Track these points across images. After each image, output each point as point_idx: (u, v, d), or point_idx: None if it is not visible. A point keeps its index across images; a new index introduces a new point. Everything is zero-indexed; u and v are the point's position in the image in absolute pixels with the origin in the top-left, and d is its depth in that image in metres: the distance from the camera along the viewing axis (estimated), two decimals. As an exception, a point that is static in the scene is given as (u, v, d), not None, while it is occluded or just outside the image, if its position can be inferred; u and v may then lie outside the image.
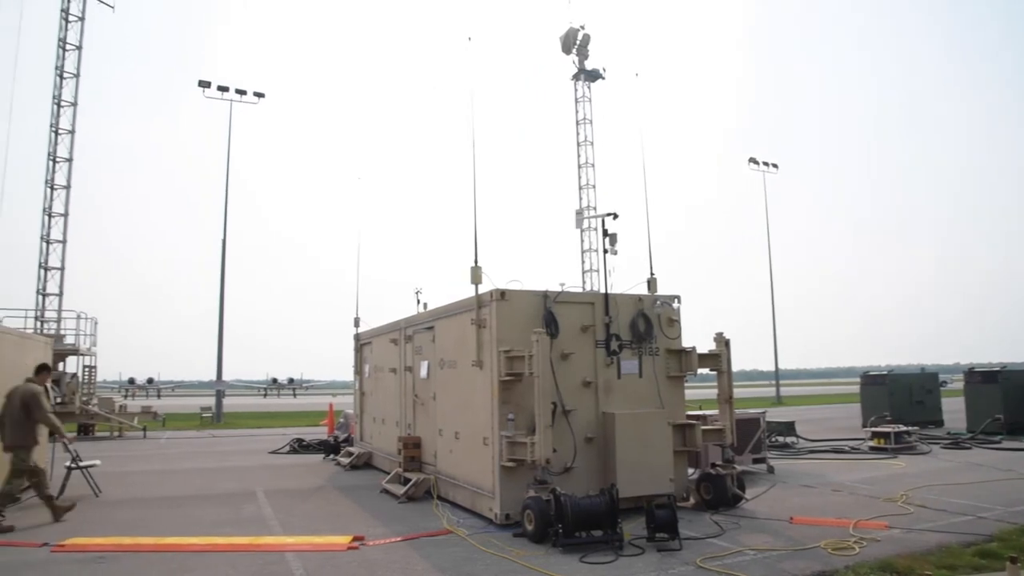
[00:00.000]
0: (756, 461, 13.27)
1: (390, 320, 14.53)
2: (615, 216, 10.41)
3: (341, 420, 20.67)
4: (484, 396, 9.46)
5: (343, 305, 38.96)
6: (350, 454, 16.04)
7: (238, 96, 37.49)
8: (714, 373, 10.61)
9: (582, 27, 40.08)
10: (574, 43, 39.92)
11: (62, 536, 8.50)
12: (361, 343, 17.10)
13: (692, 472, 10.82)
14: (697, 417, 11.02)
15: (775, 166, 51.01)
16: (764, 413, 14.08)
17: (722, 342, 10.53)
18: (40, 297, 28.77)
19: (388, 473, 12.71)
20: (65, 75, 29.93)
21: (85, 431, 25.48)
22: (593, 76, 40.14)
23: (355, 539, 8.22)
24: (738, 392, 11.68)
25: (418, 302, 13.56)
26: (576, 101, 40.19)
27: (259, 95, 37.93)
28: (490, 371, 9.28)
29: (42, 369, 10.56)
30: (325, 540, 8.27)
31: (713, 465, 10.21)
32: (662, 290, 10.77)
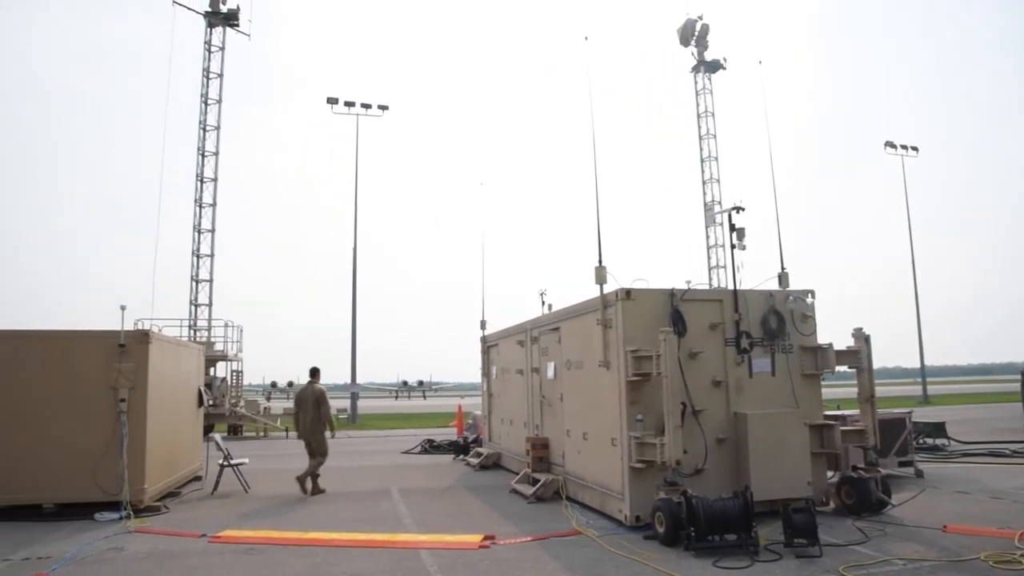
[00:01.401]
0: (902, 464, 12.47)
1: (516, 322, 14.71)
2: (741, 210, 10.09)
3: (470, 421, 21.09)
4: (611, 396, 9.39)
5: (470, 308, 39.83)
6: (479, 454, 16.34)
7: (363, 110, 39.02)
8: (853, 371, 10.07)
9: (700, 17, 39.16)
10: (692, 34, 39.02)
11: (218, 528, 9.14)
12: (488, 345, 17.39)
13: (831, 475, 10.29)
14: (836, 417, 10.50)
15: (915, 149, 47.77)
16: (910, 413, 13.23)
17: (861, 337, 9.98)
18: (192, 307, 31.12)
19: (517, 473, 12.86)
20: (209, 101, 32.25)
21: (234, 431, 27.28)
22: (713, 67, 39.08)
23: (486, 538, 8.37)
24: (880, 391, 11.03)
25: (543, 303, 13.66)
26: (697, 94, 39.27)
27: (383, 108, 39.32)
28: (617, 371, 9.21)
29: (316, 372, 13.07)
30: (457, 538, 8.46)
31: (854, 468, 9.68)
32: (794, 284, 10.33)
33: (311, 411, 12.60)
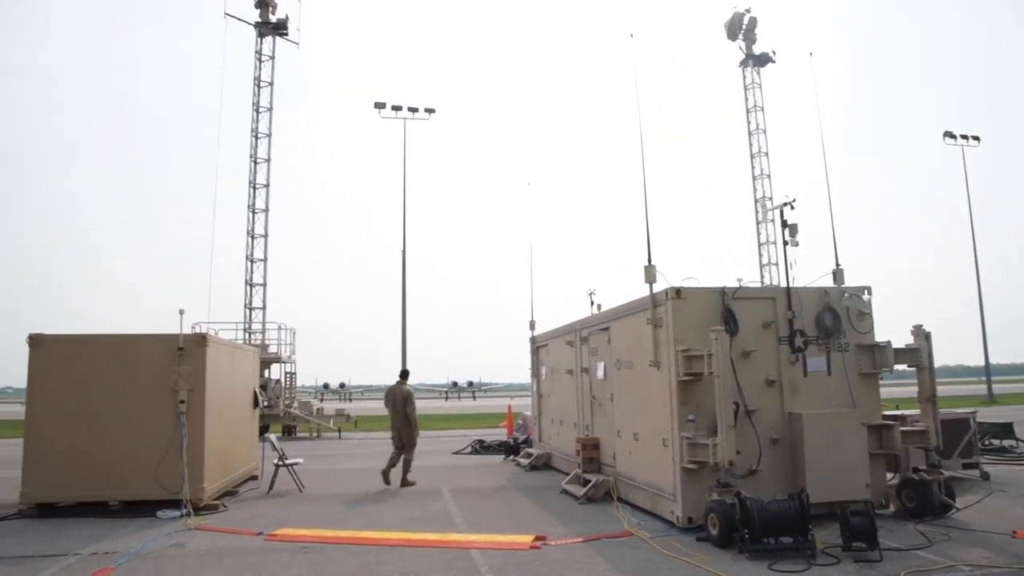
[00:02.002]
0: (967, 467, 12.06)
1: (565, 323, 14.68)
2: (792, 205, 9.90)
3: (520, 422, 21.12)
4: (662, 396, 9.31)
5: (519, 309, 39.80)
6: (529, 455, 16.35)
7: (410, 114, 39.39)
8: (913, 369, 9.79)
9: (747, 11, 38.48)
10: (740, 28, 38.40)
11: (274, 527, 9.33)
12: (537, 346, 17.40)
13: (891, 477, 10.02)
14: (895, 417, 10.20)
15: (976, 139, 46.18)
16: (975, 413, 12.78)
17: (921, 335, 9.69)
18: (247, 311, 31.83)
19: (567, 474, 12.84)
20: (260, 109, 32.96)
21: (288, 432, 27.82)
22: (762, 61, 38.40)
23: (537, 538, 8.37)
24: (943, 390, 10.68)
25: (592, 303, 13.60)
26: (745, 88, 38.65)
27: (430, 111, 39.64)
28: (668, 371, 9.12)
29: (405, 374, 14.67)
30: (508, 539, 8.48)
31: (915, 470, 9.40)
32: (850, 281, 10.09)
33: (400, 409, 13.80)
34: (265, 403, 24.81)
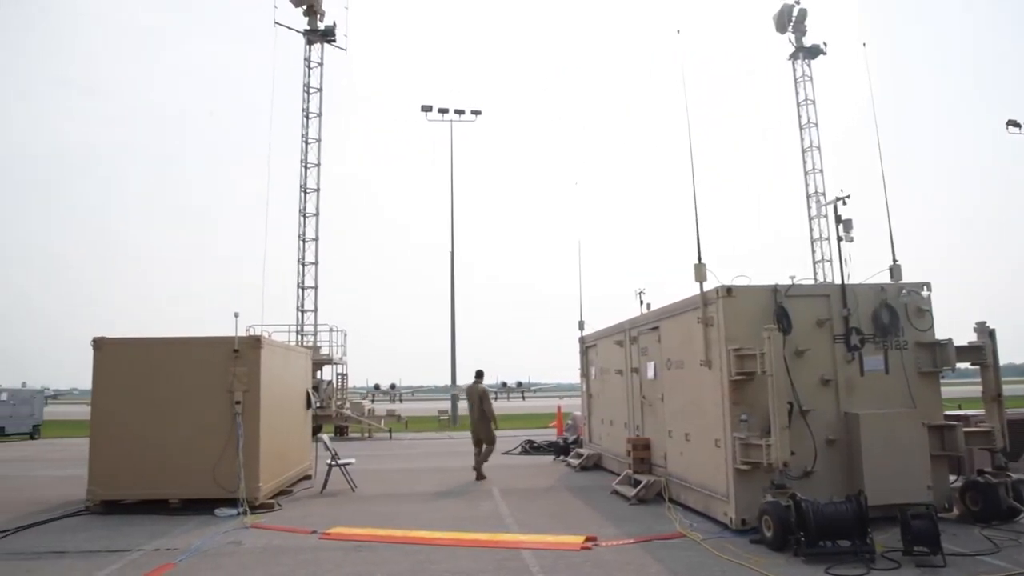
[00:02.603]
0: (1036, 468, 11.59)
1: (614, 322, 14.60)
2: (846, 200, 9.67)
3: (569, 422, 21.05)
4: (714, 396, 9.19)
5: (567, 309, 39.77)
6: (579, 455, 16.30)
7: (457, 116, 39.68)
8: (976, 368, 9.46)
9: (797, 2, 37.64)
10: (789, 20, 37.59)
11: (327, 526, 9.49)
12: (586, 346, 17.34)
13: (954, 480, 9.70)
14: (958, 418, 9.87)
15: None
16: (1043, 413, 12.28)
17: (985, 332, 9.37)
18: (299, 313, 32.39)
19: (618, 474, 12.76)
20: (310, 115, 33.52)
21: (340, 432, 28.24)
22: (813, 53, 37.51)
23: (588, 539, 8.33)
24: (1009, 389, 10.28)
25: (641, 303, 13.49)
26: (796, 82, 37.80)
27: (476, 112, 39.87)
28: (719, 370, 9.00)
29: (480, 374, 15.51)
30: (559, 539, 8.46)
31: (980, 472, 9.09)
32: (908, 277, 9.80)
33: (477, 407, 14.70)
34: (317, 404, 25.21)
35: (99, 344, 11.26)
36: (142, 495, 11.04)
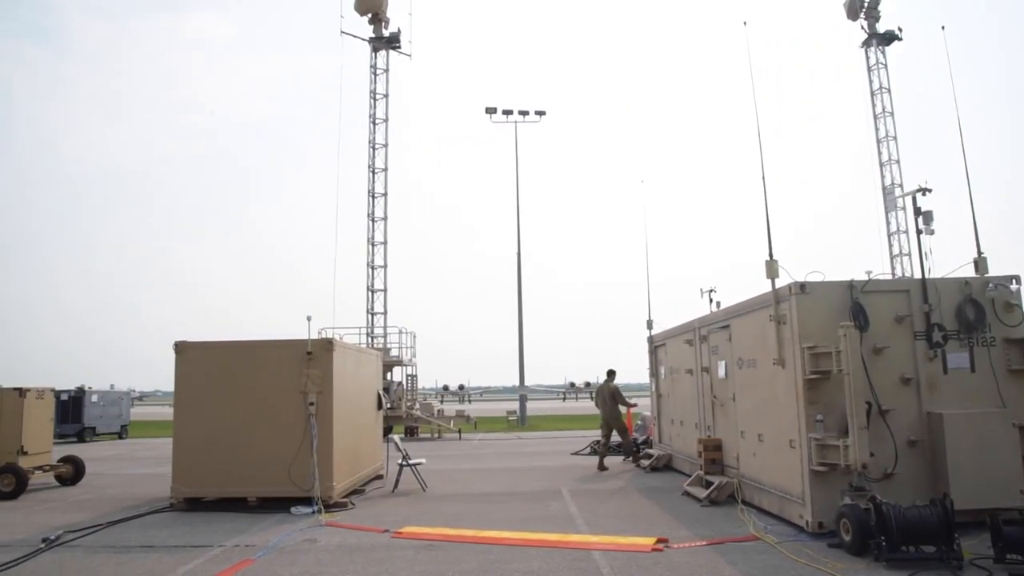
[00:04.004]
0: None
1: (683, 321, 14.40)
2: (927, 191, 9.28)
3: (639, 422, 20.86)
4: (788, 396, 8.96)
5: (635, 308, 39.48)
6: (649, 456, 16.13)
7: (521, 117, 39.76)
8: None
9: (870, -13, 36.29)
10: (861, 6, 36.29)
11: (399, 525, 9.63)
12: (655, 345, 17.15)
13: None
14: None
15: None
16: None
17: (1081, 327, 8.84)
18: (369, 316, 32.99)
19: (688, 475, 12.57)
20: (377, 121, 34.11)
21: (410, 433, 28.62)
22: (887, 39, 36.09)
23: (659, 541, 8.23)
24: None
25: (711, 301, 13.26)
26: (868, 70, 36.47)
27: (540, 113, 39.86)
28: (793, 369, 8.77)
29: (612, 373, 17.09)
30: (629, 540, 8.39)
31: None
32: (995, 271, 9.34)
33: (608, 403, 16.32)
34: (388, 405, 25.60)
35: (180, 348, 11.72)
36: (222, 493, 11.44)
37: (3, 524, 10.62)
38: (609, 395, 16.45)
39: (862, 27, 36.73)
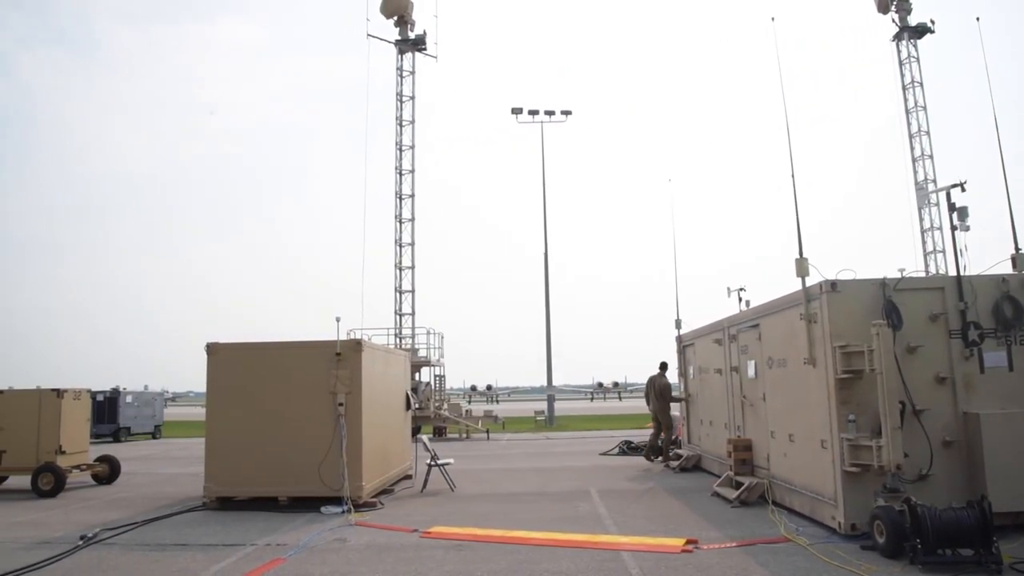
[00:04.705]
0: None
1: (711, 320, 14.28)
2: (962, 187, 9.11)
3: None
4: (819, 396, 8.84)
5: (663, 308, 39.20)
6: (678, 456, 16.01)
7: (547, 117, 39.72)
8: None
9: (902, -21, 35.69)
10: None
11: (428, 524, 9.67)
12: (683, 345, 17.03)
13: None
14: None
15: None
16: None
17: (1124, 325, 8.61)
18: (397, 317, 33.16)
19: (718, 476, 12.47)
20: (403, 123, 34.29)
21: (439, 433, 28.73)
22: (920, 32, 35.48)
23: (688, 542, 8.18)
24: None
25: (739, 300, 13.15)
26: (900, 64, 35.88)
27: (566, 113, 39.79)
28: (824, 369, 8.65)
29: (664, 366, 17.01)
30: (659, 541, 8.34)
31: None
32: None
33: (656, 398, 16.62)
34: (416, 405, 25.72)
35: (212, 349, 11.89)
36: (253, 493, 11.58)
37: (43, 521, 10.88)
38: (657, 390, 16.70)
39: (893, 20, 36.15)
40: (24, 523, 10.84)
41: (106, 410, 30.53)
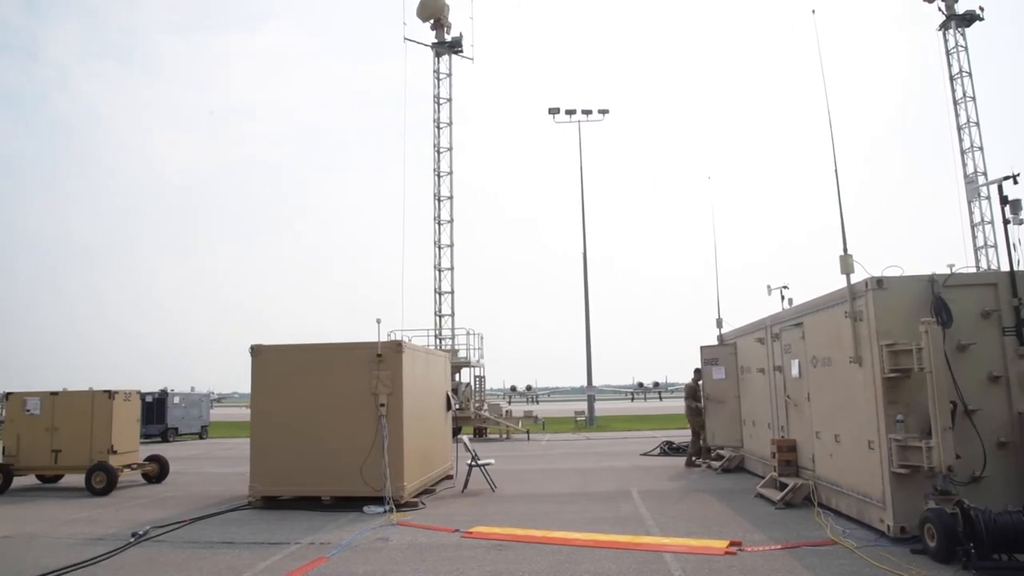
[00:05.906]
0: None
1: (754, 319, 14.08)
2: (1015, 179, 8.84)
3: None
4: (866, 395, 8.65)
5: (704, 307, 38.83)
6: (721, 457, 15.81)
7: (584, 116, 39.58)
8: None
9: (948, -34, 34.75)
10: (940, -12, 34.77)
11: (469, 524, 9.71)
12: (705, 358, 16.78)
13: None
14: None
15: None
16: None
17: None
18: (437, 318, 33.35)
19: (761, 477, 12.29)
20: (441, 125, 34.50)
21: (479, 433, 28.81)
22: (968, 19, 34.47)
23: (732, 544, 8.08)
24: None
25: (782, 298, 12.95)
26: (947, 53, 34.94)
27: (603, 111, 39.61)
28: (871, 368, 8.46)
29: (698, 371, 16.77)
30: (702, 543, 8.25)
31: None
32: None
33: (690, 400, 17.19)
34: (457, 406, 25.81)
35: (256, 351, 12.09)
36: (297, 492, 11.76)
37: (97, 519, 11.20)
38: (690, 393, 17.31)
39: (939, 9, 35.22)
40: (79, 520, 11.17)
41: (155, 411, 31.28)
